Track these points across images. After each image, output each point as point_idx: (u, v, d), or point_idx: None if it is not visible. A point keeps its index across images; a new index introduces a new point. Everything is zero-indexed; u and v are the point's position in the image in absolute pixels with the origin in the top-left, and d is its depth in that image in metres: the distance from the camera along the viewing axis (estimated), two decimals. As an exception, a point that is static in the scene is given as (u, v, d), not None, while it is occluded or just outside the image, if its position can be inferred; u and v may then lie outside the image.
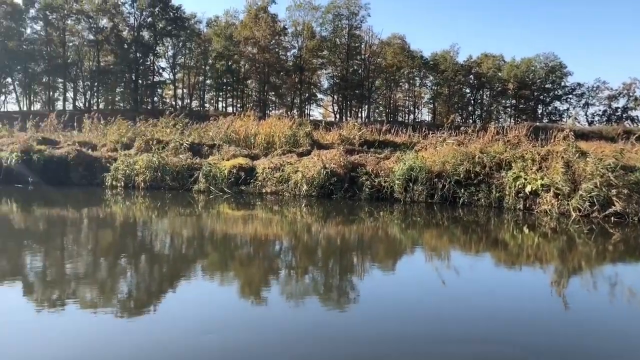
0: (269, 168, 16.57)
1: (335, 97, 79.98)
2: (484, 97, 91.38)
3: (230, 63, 72.44)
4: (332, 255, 9.42)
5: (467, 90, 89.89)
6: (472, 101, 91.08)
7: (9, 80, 67.02)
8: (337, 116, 75.46)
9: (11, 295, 6.43)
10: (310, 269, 8.33)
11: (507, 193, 14.12)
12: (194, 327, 5.47)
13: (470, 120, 79.67)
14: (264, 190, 16.05)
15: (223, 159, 17.46)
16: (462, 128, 18.91)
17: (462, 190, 14.58)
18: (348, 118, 66.63)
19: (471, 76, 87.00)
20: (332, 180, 15.49)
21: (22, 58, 64.08)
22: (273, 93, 75.95)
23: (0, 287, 6.69)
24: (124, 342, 4.98)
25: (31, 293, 6.54)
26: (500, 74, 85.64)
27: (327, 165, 15.70)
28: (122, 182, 16.94)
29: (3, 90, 67.75)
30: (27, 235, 10.45)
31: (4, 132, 22.34)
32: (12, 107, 67.81)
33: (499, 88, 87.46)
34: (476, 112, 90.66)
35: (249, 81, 76.79)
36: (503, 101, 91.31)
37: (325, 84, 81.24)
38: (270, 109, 72.86)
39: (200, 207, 14.32)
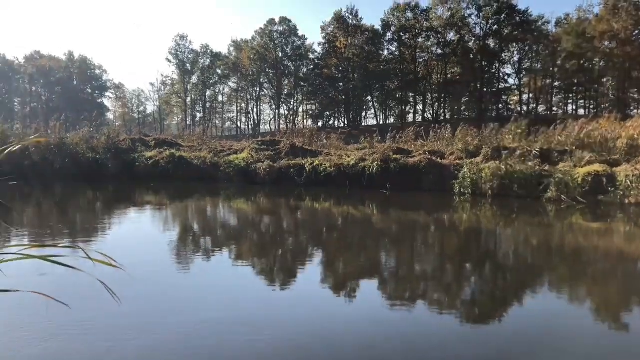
0: (632, 175, 14.54)
1: None
2: None
3: (582, 62, 66.65)
4: None
5: None
6: None
7: (369, 98, 76.32)
8: None
9: (369, 289, 7.21)
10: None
11: None
12: (538, 339, 5.17)
13: None
14: (626, 201, 14.15)
15: (575, 166, 16.10)
16: None
17: None
18: None
19: None
20: None
21: (379, 77, 72.61)
22: (635, 90, 66.59)
23: (363, 281, 7.58)
24: (470, 342, 5.03)
25: (386, 289, 7.21)
26: None
27: None
28: (470, 190, 17.23)
29: (364, 107, 77.66)
30: (386, 236, 11.60)
31: (366, 144, 25.41)
32: (370, 121, 77.45)
33: None
34: None
35: (604, 79, 69.16)
36: None
37: None
38: (632, 108, 64.04)
39: (551, 217, 13.48)
